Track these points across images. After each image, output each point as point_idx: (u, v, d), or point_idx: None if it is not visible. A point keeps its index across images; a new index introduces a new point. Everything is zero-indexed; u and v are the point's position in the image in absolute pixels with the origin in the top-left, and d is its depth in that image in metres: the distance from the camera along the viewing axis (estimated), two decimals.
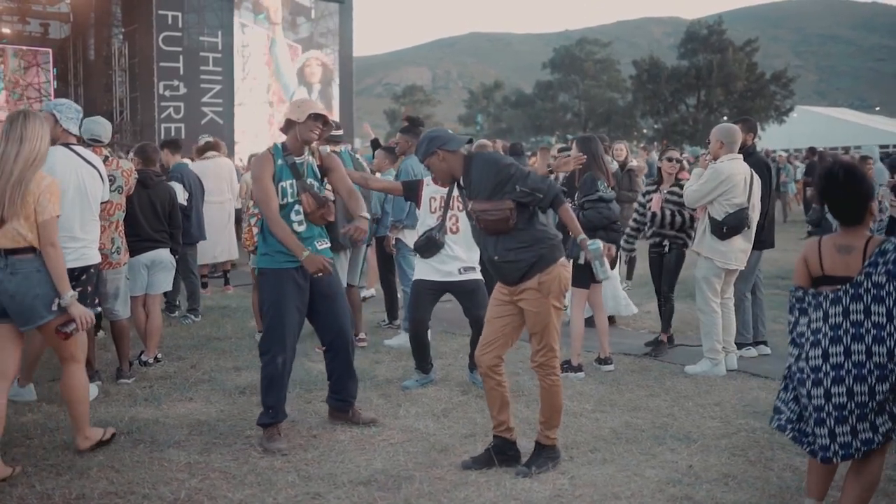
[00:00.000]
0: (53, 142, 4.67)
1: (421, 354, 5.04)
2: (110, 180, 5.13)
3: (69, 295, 3.58)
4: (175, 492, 3.37)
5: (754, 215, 5.48)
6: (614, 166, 7.93)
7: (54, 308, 3.58)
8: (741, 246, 5.44)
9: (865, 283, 2.74)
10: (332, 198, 5.72)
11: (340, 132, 6.25)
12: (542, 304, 3.55)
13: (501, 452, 3.66)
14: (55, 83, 21.05)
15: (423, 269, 4.97)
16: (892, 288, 2.68)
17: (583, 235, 3.63)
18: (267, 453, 3.85)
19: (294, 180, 3.98)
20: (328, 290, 4.12)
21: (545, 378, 3.65)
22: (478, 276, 4.95)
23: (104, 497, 3.30)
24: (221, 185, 8.47)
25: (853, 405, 2.73)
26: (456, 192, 4.62)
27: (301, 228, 4.02)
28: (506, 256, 3.57)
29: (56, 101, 4.79)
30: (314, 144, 4.14)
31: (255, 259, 4.14)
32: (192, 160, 8.95)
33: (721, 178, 5.33)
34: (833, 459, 2.80)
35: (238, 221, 9.23)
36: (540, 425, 3.70)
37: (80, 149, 4.67)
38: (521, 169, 3.60)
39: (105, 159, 5.19)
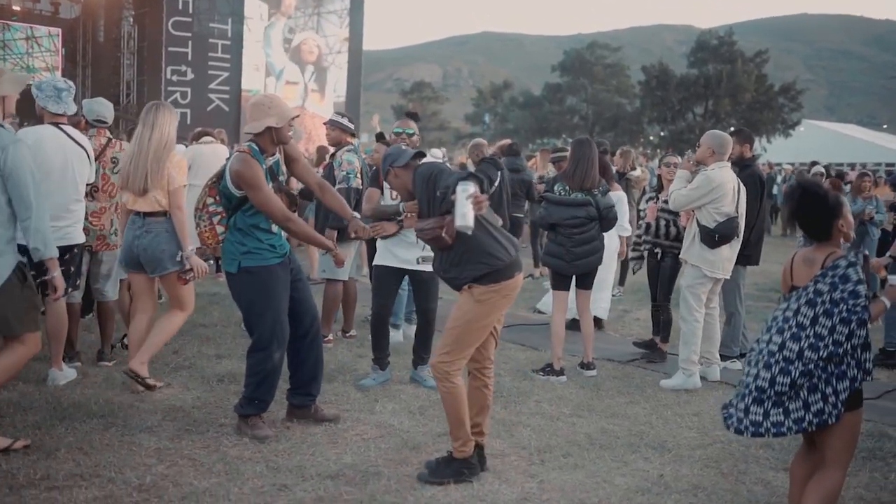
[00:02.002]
0: (41, 120, 4.67)
1: (379, 344, 5.03)
2: (113, 162, 5.13)
3: (190, 249, 4.47)
4: (140, 476, 3.35)
5: (741, 224, 5.45)
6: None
7: (178, 260, 4.49)
8: (727, 255, 5.40)
9: (809, 289, 2.88)
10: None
11: (352, 126, 6.25)
12: (465, 304, 3.44)
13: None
14: (63, 63, 21.05)
15: (384, 255, 5.02)
16: (828, 298, 2.81)
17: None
18: (255, 440, 3.84)
19: (271, 183, 3.92)
20: (300, 275, 4.14)
21: (438, 382, 3.47)
22: (427, 267, 4.84)
23: (68, 479, 3.29)
24: (213, 170, 8.45)
25: (754, 387, 2.89)
26: None
27: (276, 228, 3.98)
28: (448, 272, 3.51)
29: (38, 80, 4.76)
30: None
31: (224, 258, 4.01)
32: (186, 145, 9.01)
33: (712, 186, 5.29)
34: (744, 434, 2.94)
35: None
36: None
37: (68, 128, 4.66)
38: (441, 175, 3.46)
39: (108, 141, 5.18)
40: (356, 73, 24.01)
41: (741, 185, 5.47)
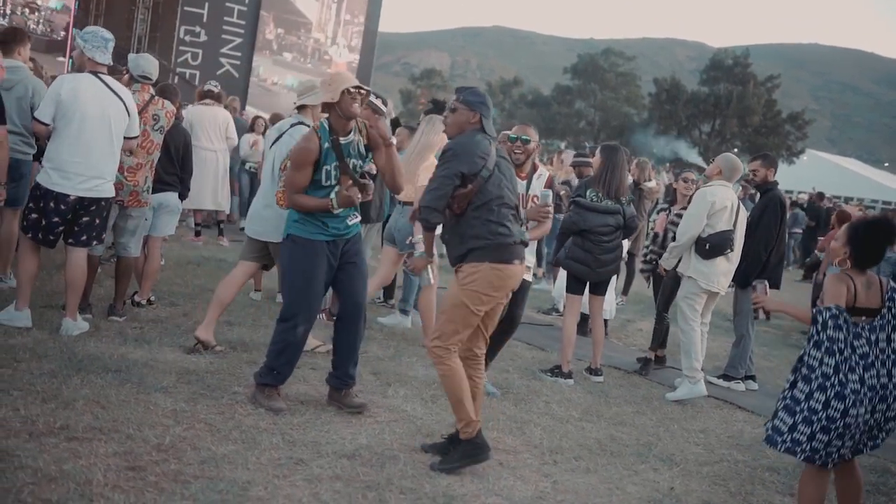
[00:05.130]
0: (82, 69, 4.62)
1: None
2: (154, 119, 5.10)
3: (418, 236, 4.82)
4: (160, 436, 3.34)
5: (738, 244, 5.52)
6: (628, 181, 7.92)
7: (407, 243, 5.52)
8: (724, 269, 5.46)
9: (888, 315, 3.13)
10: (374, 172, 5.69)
11: (384, 108, 6.17)
12: (452, 287, 3.53)
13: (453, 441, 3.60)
14: (76, 10, 20.81)
15: None
16: None
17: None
18: (270, 411, 3.83)
19: (334, 161, 3.86)
20: (354, 258, 4.07)
21: (435, 366, 3.55)
22: (527, 277, 4.68)
23: (88, 431, 3.27)
24: (212, 133, 8.35)
25: (873, 421, 3.10)
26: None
27: (340, 210, 3.92)
28: (446, 234, 3.64)
29: (85, 29, 4.72)
30: (360, 121, 3.98)
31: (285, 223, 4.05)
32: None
33: (710, 200, 5.40)
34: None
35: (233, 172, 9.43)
36: None
37: (109, 79, 4.61)
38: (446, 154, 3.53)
39: (151, 98, 5.15)
40: (368, 54, 23.84)
41: (741, 206, 5.57)
